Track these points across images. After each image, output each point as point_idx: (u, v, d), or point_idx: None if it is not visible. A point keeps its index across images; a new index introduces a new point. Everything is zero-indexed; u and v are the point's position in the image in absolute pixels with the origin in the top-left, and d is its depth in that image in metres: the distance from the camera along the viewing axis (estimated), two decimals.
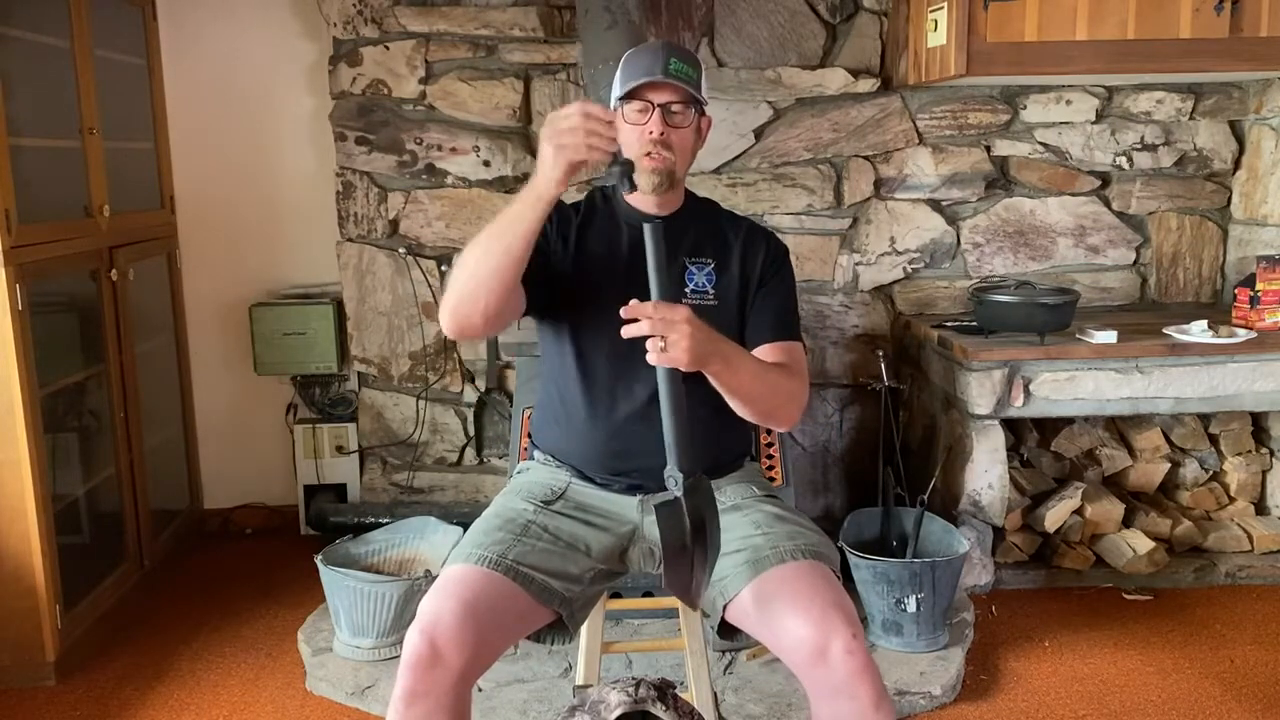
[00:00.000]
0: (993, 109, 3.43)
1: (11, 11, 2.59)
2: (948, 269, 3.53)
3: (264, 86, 3.51)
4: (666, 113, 1.75)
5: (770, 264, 1.87)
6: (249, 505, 3.72)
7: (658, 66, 1.73)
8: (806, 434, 3.58)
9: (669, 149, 1.76)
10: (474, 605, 1.56)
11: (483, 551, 1.65)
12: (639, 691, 1.43)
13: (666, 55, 1.75)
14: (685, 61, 1.76)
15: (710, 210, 1.94)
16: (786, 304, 1.87)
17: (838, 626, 1.55)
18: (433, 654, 1.52)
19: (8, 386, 2.48)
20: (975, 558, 3.02)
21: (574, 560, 1.73)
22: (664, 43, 1.84)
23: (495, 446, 3.59)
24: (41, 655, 2.61)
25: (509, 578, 1.62)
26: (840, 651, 1.53)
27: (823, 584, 1.62)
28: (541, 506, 1.80)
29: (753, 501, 1.83)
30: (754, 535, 1.71)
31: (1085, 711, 2.48)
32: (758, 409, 1.71)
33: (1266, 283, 3.12)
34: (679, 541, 1.51)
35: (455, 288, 1.65)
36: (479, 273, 1.62)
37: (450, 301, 1.66)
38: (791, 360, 1.80)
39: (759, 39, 3.36)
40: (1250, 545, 3.23)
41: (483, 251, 1.61)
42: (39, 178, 2.68)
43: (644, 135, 1.75)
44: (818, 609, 1.57)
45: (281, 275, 3.61)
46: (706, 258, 1.85)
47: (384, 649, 2.66)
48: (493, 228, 1.61)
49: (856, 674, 1.52)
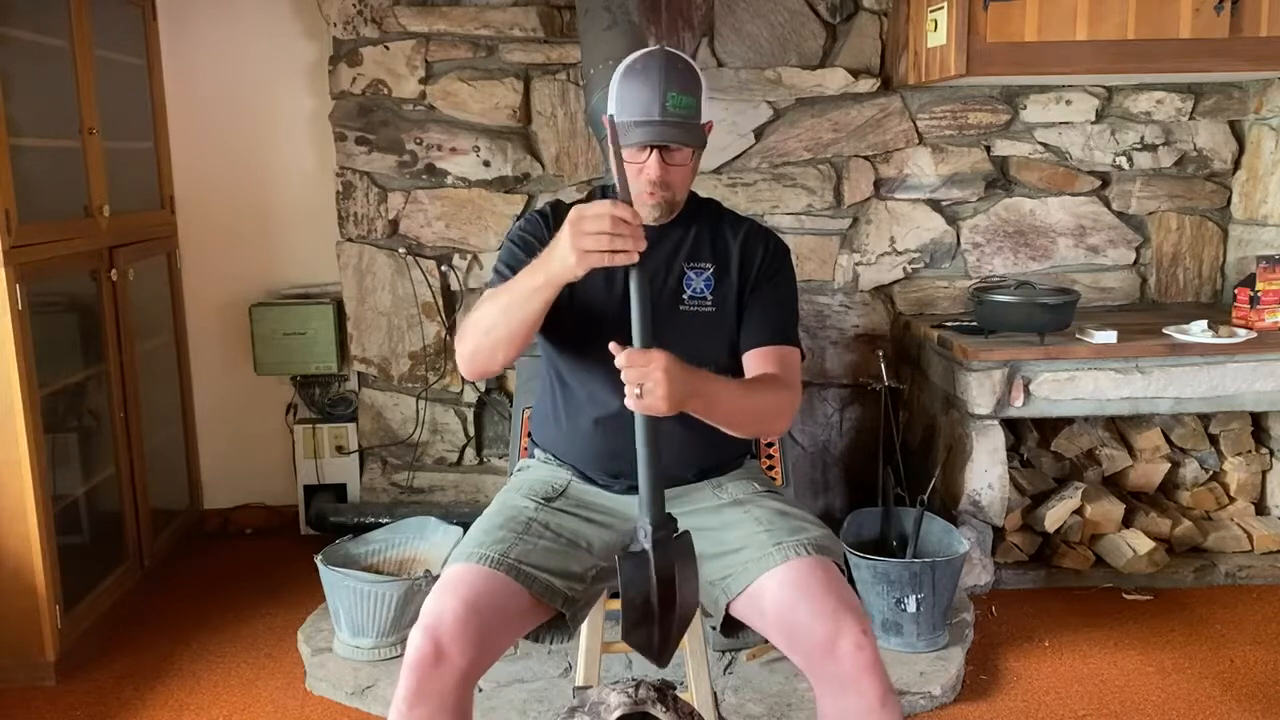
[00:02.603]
0: (993, 109, 3.43)
1: (11, 11, 2.58)
2: (948, 269, 3.53)
3: (264, 86, 3.51)
4: (665, 153, 1.70)
5: (768, 263, 1.84)
6: (249, 505, 3.72)
7: (655, 106, 1.66)
8: (806, 434, 3.58)
9: (668, 187, 1.74)
10: (477, 604, 1.56)
11: (485, 550, 1.65)
12: (639, 692, 1.43)
13: (664, 90, 1.66)
14: (685, 91, 1.68)
15: (711, 212, 1.91)
16: (783, 306, 1.84)
17: (848, 622, 1.55)
18: (436, 654, 1.52)
19: (8, 386, 2.48)
20: (975, 558, 3.02)
21: (576, 558, 1.73)
22: (661, 64, 1.69)
23: (495, 446, 3.59)
24: (41, 655, 2.62)
25: (511, 577, 1.62)
26: (850, 646, 1.53)
27: (830, 579, 1.62)
28: (543, 503, 1.80)
29: (755, 497, 1.82)
30: (758, 532, 1.71)
31: (1085, 711, 2.48)
32: (743, 430, 1.72)
33: (1266, 283, 3.12)
34: (641, 596, 1.47)
35: (472, 341, 1.68)
36: (495, 334, 1.65)
37: (467, 352, 1.69)
38: (783, 368, 1.77)
39: (759, 39, 3.36)
40: (1250, 545, 3.24)
41: (501, 316, 1.63)
42: (39, 178, 2.68)
43: (642, 173, 1.71)
44: (830, 604, 1.57)
45: (281, 275, 3.61)
46: (705, 263, 1.83)
47: (384, 649, 2.66)
48: (509, 297, 1.62)
49: (865, 669, 1.53)
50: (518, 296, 1.61)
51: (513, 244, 1.83)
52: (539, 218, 1.86)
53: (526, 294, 1.60)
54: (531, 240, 1.80)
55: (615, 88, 1.73)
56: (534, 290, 1.59)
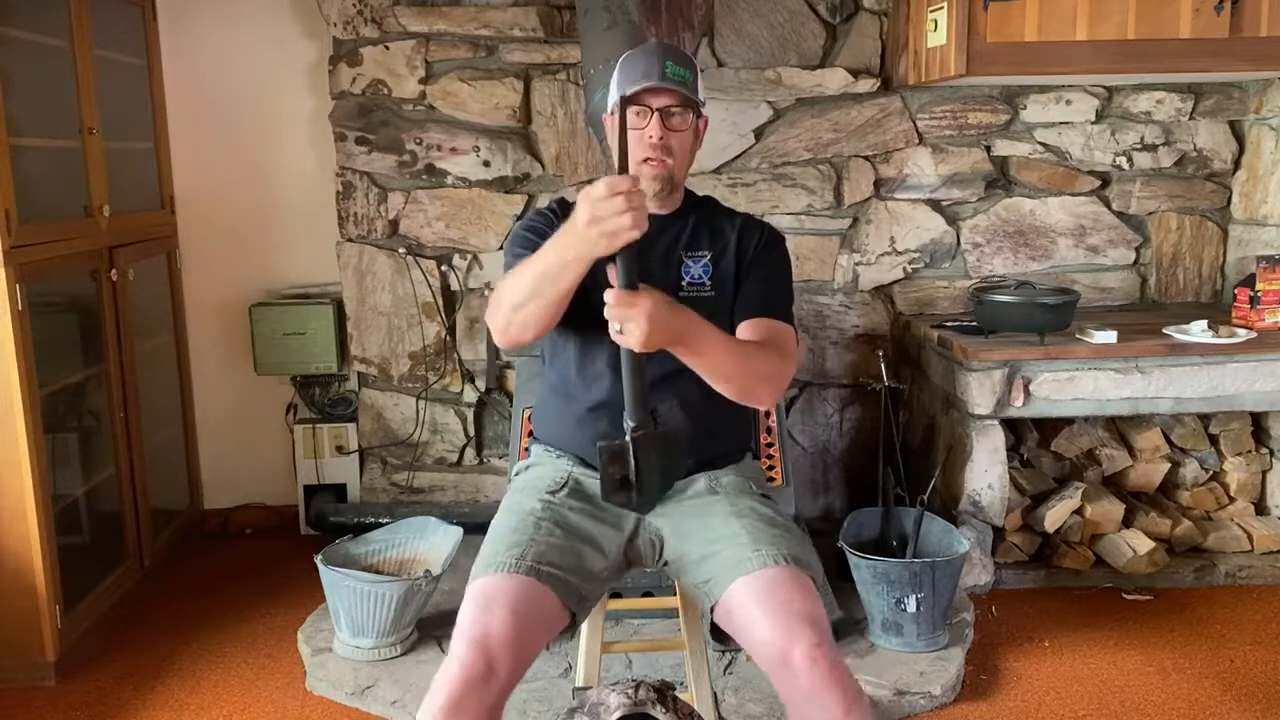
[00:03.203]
0: (993, 109, 3.42)
1: (11, 11, 2.59)
2: (948, 269, 3.53)
3: (264, 86, 3.51)
4: (665, 116, 1.76)
5: (762, 247, 1.88)
6: (249, 505, 3.72)
7: (654, 71, 1.74)
8: (806, 434, 3.58)
9: (669, 153, 1.78)
10: (520, 613, 1.56)
11: (514, 559, 1.63)
12: (639, 693, 1.43)
13: (663, 59, 1.76)
14: (681, 64, 1.77)
15: (708, 206, 1.96)
16: (776, 285, 1.87)
17: (801, 633, 1.53)
18: (488, 668, 1.50)
19: (8, 386, 2.48)
20: (975, 558, 3.02)
21: (590, 557, 1.73)
22: (659, 44, 1.85)
23: (495, 446, 3.59)
24: (41, 655, 2.62)
25: (540, 580, 1.61)
26: (802, 659, 1.51)
27: (795, 591, 1.60)
28: (549, 499, 1.80)
29: (744, 499, 1.82)
30: (739, 535, 1.70)
31: (1085, 711, 2.48)
32: (731, 387, 1.70)
33: (1266, 283, 3.12)
34: (620, 474, 1.66)
35: (504, 313, 1.68)
36: (526, 310, 1.65)
37: (499, 324, 1.70)
38: (774, 338, 1.79)
39: (759, 39, 3.36)
40: (1250, 545, 3.24)
41: (532, 292, 1.63)
42: (39, 178, 2.68)
43: (643, 139, 1.76)
44: (784, 616, 1.55)
45: (281, 275, 3.61)
46: (703, 250, 1.87)
47: (384, 649, 2.66)
48: (537, 269, 1.62)
49: (821, 682, 1.51)
50: (549, 270, 1.61)
51: (525, 231, 1.84)
52: (548, 213, 1.88)
53: (558, 269, 1.59)
54: (545, 229, 1.80)
55: (616, 75, 1.80)
56: (564, 265, 1.58)
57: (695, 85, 1.79)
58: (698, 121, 1.83)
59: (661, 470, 1.71)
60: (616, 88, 1.78)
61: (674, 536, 1.78)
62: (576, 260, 1.57)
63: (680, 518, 1.79)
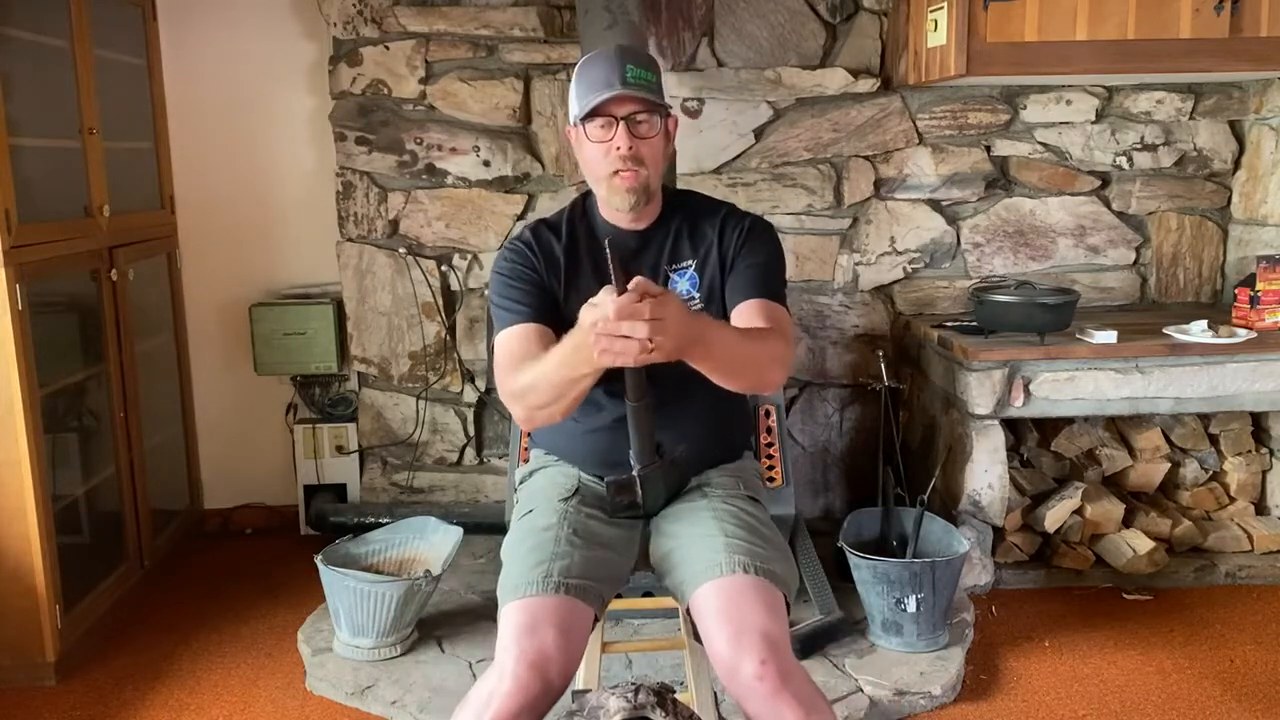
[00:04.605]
0: (993, 109, 3.42)
1: (11, 11, 2.58)
2: (948, 269, 3.53)
3: (264, 86, 3.51)
4: (631, 124, 1.70)
5: (744, 237, 1.82)
6: (249, 505, 3.72)
7: (615, 77, 1.68)
8: (806, 434, 3.58)
9: (640, 163, 1.72)
10: (565, 629, 1.55)
11: (545, 577, 1.61)
12: (638, 697, 1.43)
13: (622, 64, 1.69)
14: (642, 66, 1.71)
15: (689, 206, 1.89)
16: (763, 269, 1.81)
17: (750, 649, 1.50)
18: (545, 690, 1.50)
19: (8, 386, 2.48)
20: (975, 558, 3.02)
21: (612, 563, 1.72)
22: (617, 48, 1.75)
23: (495, 446, 3.59)
24: (41, 655, 2.62)
25: (573, 595, 1.60)
26: (749, 676, 1.49)
27: (756, 604, 1.57)
28: (563, 506, 1.78)
29: (731, 500, 1.79)
30: (715, 538, 1.68)
31: (1085, 711, 2.48)
32: (740, 380, 1.66)
33: (1266, 283, 3.11)
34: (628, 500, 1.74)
35: (526, 410, 1.67)
36: (555, 407, 1.65)
37: (521, 415, 1.69)
38: (772, 320, 1.74)
39: (759, 39, 3.36)
40: (1250, 545, 3.23)
41: (556, 395, 1.62)
42: (39, 178, 2.68)
43: (611, 152, 1.71)
44: (736, 628, 1.53)
45: (281, 275, 3.61)
46: (686, 260, 1.83)
47: (384, 649, 2.66)
48: (554, 380, 1.60)
49: (772, 698, 1.48)
50: (563, 382, 1.59)
51: (506, 277, 1.80)
52: (523, 247, 1.83)
53: (573, 380, 1.58)
54: (524, 270, 1.79)
55: (574, 84, 1.75)
56: (580, 376, 1.57)
57: (659, 86, 1.73)
58: (666, 123, 1.77)
59: (666, 488, 1.77)
60: (576, 99, 1.72)
61: (658, 536, 1.78)
62: (592, 373, 1.56)
63: (665, 519, 1.79)
